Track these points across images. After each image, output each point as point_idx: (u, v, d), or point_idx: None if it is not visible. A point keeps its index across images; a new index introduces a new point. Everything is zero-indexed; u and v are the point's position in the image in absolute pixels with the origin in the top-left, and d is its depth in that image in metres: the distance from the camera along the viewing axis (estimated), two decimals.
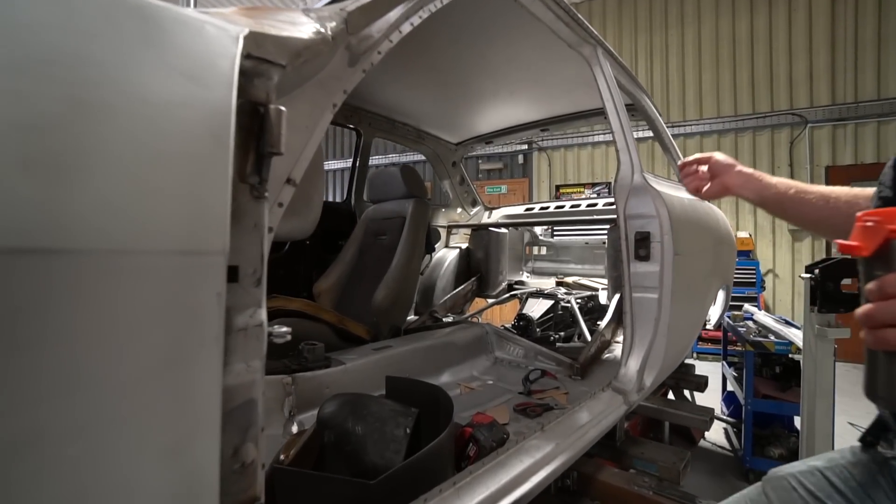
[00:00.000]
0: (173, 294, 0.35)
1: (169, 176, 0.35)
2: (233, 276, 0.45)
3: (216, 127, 0.39)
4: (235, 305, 0.45)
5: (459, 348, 2.03)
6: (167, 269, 0.34)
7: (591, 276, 3.42)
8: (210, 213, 0.38)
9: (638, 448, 1.96)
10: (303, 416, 1.40)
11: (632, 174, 1.60)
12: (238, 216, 0.46)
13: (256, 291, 0.47)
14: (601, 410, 1.33)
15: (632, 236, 1.58)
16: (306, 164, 0.61)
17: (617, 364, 2.03)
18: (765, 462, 2.78)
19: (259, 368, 0.47)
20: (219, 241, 0.38)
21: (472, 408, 1.64)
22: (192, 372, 0.36)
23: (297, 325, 1.78)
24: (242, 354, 0.45)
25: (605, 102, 1.64)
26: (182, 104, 0.37)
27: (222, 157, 0.38)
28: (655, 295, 1.54)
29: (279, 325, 0.52)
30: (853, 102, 5.48)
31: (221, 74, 0.40)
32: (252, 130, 0.46)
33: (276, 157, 0.53)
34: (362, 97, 2.56)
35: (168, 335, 0.35)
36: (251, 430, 0.47)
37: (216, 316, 0.38)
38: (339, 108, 0.67)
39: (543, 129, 2.98)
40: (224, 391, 0.44)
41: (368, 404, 0.99)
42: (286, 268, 2.48)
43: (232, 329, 0.44)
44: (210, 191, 0.38)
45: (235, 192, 0.46)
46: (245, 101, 0.46)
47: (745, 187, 0.92)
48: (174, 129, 0.36)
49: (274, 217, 0.57)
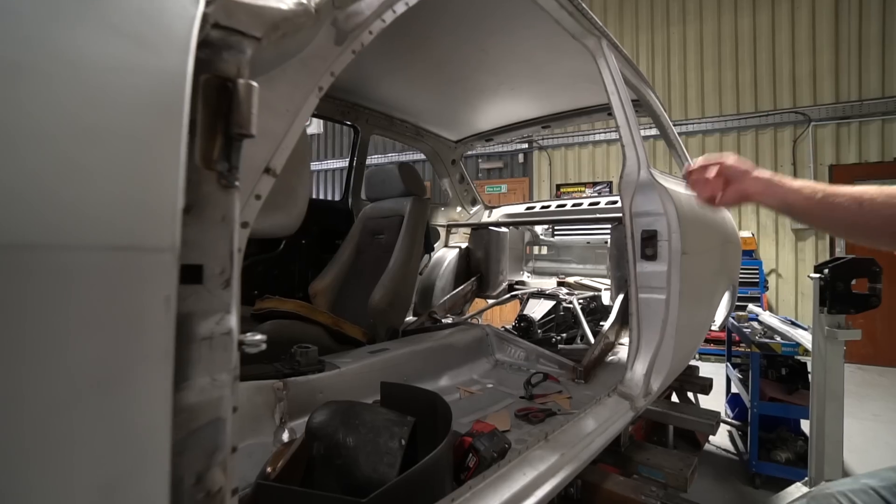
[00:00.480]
0: (105, 300, 0.29)
1: (102, 155, 0.29)
2: (195, 276, 0.39)
3: (166, 100, 0.32)
4: (198, 311, 0.39)
5: (459, 351, 1.97)
6: (97, 268, 0.28)
7: (593, 276, 3.36)
8: (155, 202, 0.31)
9: (643, 454, 1.90)
10: (295, 422, 1.34)
11: (638, 170, 1.54)
12: (202, 207, 0.40)
13: (224, 294, 0.41)
14: (607, 417, 1.26)
15: (638, 235, 1.52)
16: (288, 153, 0.55)
17: (621, 367, 1.97)
18: (771, 466, 2.72)
19: (228, 382, 0.41)
20: (166, 236, 0.32)
21: (472, 413, 1.58)
22: (132, 393, 0.30)
23: (290, 328, 1.73)
24: (207, 367, 0.39)
25: (610, 96, 1.58)
26: (124, 71, 0.31)
27: (173, 136, 0.32)
28: (663, 296, 1.48)
29: (252, 333, 0.46)
30: (857, 100, 5.42)
31: (176, 39, 0.34)
32: (220, 110, 0.40)
33: (251, 143, 0.47)
34: (359, 93, 2.50)
35: (98, 350, 0.29)
36: (218, 453, 0.40)
37: (164, 324, 0.32)
38: (325, 91, 0.61)
39: (545, 125, 2.92)
40: (183, 410, 0.38)
41: (361, 413, 0.93)
42: (281, 267, 2.42)
43: (193, 338, 0.38)
44: (156, 175, 0.32)
45: (199, 179, 0.40)
46: (212, 76, 0.40)
47: (766, 194, 0.84)
48: (112, 100, 0.30)
49: (250, 210, 0.51)
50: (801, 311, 5.62)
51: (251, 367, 1.41)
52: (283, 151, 0.54)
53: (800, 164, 5.73)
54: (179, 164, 0.32)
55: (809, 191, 0.80)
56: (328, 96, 2.46)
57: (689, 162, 2.39)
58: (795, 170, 5.72)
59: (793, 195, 0.81)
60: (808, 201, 0.79)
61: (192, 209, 0.39)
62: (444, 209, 3.42)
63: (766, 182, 0.85)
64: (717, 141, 6.16)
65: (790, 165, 5.76)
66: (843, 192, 0.76)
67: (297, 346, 1.47)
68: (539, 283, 3.43)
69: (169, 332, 0.32)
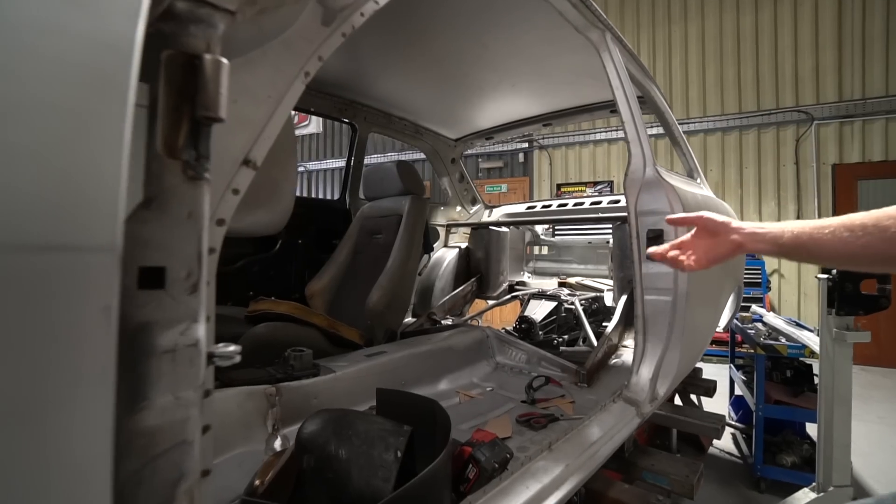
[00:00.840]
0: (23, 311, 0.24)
1: (22, 134, 0.24)
2: (155, 280, 0.34)
3: (107, 71, 0.27)
4: (159, 320, 0.34)
5: (458, 353, 1.92)
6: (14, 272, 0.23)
7: (595, 277, 3.31)
8: (91, 192, 0.26)
9: (648, 459, 1.85)
10: (288, 429, 1.29)
11: (644, 167, 1.49)
12: (164, 202, 0.35)
13: (191, 300, 0.36)
14: (613, 424, 1.21)
15: (643, 234, 1.47)
16: (270, 143, 0.50)
17: (625, 370, 1.92)
18: (777, 470, 2.67)
19: (195, 401, 0.36)
20: (104, 233, 0.26)
21: (472, 418, 1.53)
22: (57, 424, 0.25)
23: (284, 330, 1.68)
24: (169, 384, 0.34)
25: (615, 91, 1.53)
26: (52, 33, 0.26)
27: (115, 113, 0.27)
28: (669, 298, 1.43)
29: (226, 344, 0.41)
30: (861, 99, 5.37)
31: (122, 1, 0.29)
32: (186, 91, 0.35)
33: (226, 132, 0.42)
34: (357, 89, 2.45)
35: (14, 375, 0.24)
36: (183, 481, 0.35)
37: (104, 339, 0.27)
38: (312, 77, 0.56)
39: (546, 123, 2.87)
40: (141, 435, 0.33)
41: (354, 423, 0.88)
42: (277, 268, 2.37)
43: (153, 351, 0.33)
44: (92, 160, 0.26)
45: (161, 169, 0.35)
46: (177, 52, 0.35)
47: (756, 240, 0.78)
48: (37, 69, 0.25)
49: (226, 206, 0.46)
50: (804, 312, 5.58)
51: (242, 371, 1.36)
52: (264, 142, 0.49)
53: (802, 163, 5.68)
54: (123, 146, 0.27)
55: (797, 229, 0.74)
56: (325, 93, 2.41)
57: (694, 161, 2.35)
58: (798, 169, 5.68)
59: (782, 237, 0.75)
60: (797, 240, 0.73)
61: (153, 203, 0.34)
62: (443, 208, 3.37)
63: (751, 231, 0.79)
64: (718, 140, 6.11)
65: (793, 165, 5.72)
66: (833, 224, 0.70)
67: (290, 350, 1.42)
68: (540, 284, 3.38)
69: (110, 347, 0.27)
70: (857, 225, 0.67)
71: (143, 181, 0.33)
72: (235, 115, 0.46)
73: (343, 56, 2.16)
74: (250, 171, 0.48)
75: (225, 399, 1.18)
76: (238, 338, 1.57)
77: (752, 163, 5.94)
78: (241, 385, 1.25)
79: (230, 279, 2.19)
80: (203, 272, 0.37)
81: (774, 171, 5.82)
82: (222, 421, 1.15)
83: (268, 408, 1.27)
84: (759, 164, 5.91)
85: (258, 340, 1.56)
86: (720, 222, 0.82)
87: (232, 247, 2.22)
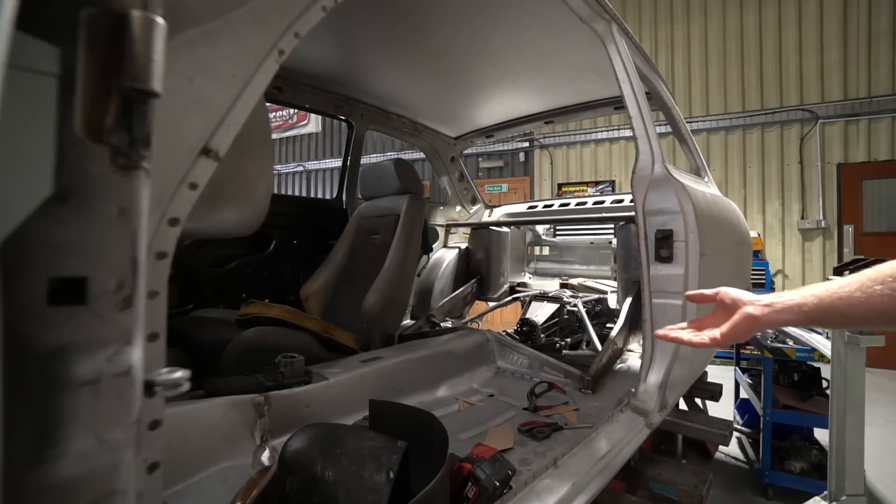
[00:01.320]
0: None
1: None
2: (73, 294, 0.27)
3: None
4: (77, 343, 0.27)
5: (458, 358, 1.85)
6: None
7: (597, 278, 3.24)
8: None
9: (654, 468, 1.78)
10: (277, 440, 1.22)
11: (652, 165, 1.42)
12: (85, 196, 0.28)
13: (123, 318, 0.29)
14: (621, 437, 1.14)
15: (652, 235, 1.40)
16: (236, 130, 0.43)
17: (631, 376, 1.85)
18: (785, 477, 2.60)
19: (128, 441, 0.29)
20: None
21: (472, 427, 1.46)
22: None
23: (275, 335, 1.61)
24: (91, 423, 0.27)
25: (622, 84, 1.46)
26: None
27: None
28: (679, 301, 1.36)
29: (171, 369, 0.34)
30: (866, 97, 5.30)
31: None
32: (113, 59, 0.28)
33: (180, 115, 0.35)
34: (353, 85, 2.38)
35: None
36: None
37: None
38: (287, 56, 0.49)
39: (548, 121, 2.80)
40: (51, 489, 0.26)
41: (344, 440, 0.81)
42: (271, 269, 2.31)
43: (68, 384, 0.27)
44: None
45: (81, 156, 0.28)
46: (100, 11, 0.28)
47: (775, 310, 0.70)
48: None
49: (181, 203, 0.39)
50: None
51: (230, 379, 1.29)
52: (228, 128, 0.42)
53: (807, 162, 5.61)
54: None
55: (821, 292, 0.67)
56: (320, 89, 2.34)
57: (702, 160, 2.27)
58: (802, 168, 5.61)
59: (806, 304, 0.67)
60: (823, 304, 0.65)
61: (70, 198, 0.27)
62: (443, 208, 3.30)
63: (767, 301, 0.70)
64: (721, 139, 6.04)
65: (797, 164, 5.65)
66: (857, 281, 0.63)
67: (281, 356, 1.35)
68: (541, 285, 3.31)
69: None
70: (885, 275, 0.61)
71: (52, 170, 0.26)
72: (191, 95, 0.39)
73: (339, 50, 2.09)
74: (211, 162, 0.41)
75: (209, 409, 1.11)
76: (227, 342, 1.50)
77: (755, 162, 5.87)
78: (227, 394, 1.18)
79: (222, 280, 2.12)
80: (139, 282, 0.30)
81: (778, 170, 5.75)
82: (206, 433, 1.08)
83: (256, 418, 1.20)
84: (763, 164, 5.84)
85: (248, 346, 1.49)
86: (733, 297, 0.74)
87: (224, 247, 2.15)
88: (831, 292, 0.66)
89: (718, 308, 0.77)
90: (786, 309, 0.69)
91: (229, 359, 1.46)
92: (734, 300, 0.74)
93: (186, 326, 1.74)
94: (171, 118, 0.35)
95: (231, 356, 1.46)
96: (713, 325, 0.76)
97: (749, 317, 0.70)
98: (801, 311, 0.68)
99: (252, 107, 0.44)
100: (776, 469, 2.63)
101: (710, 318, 0.78)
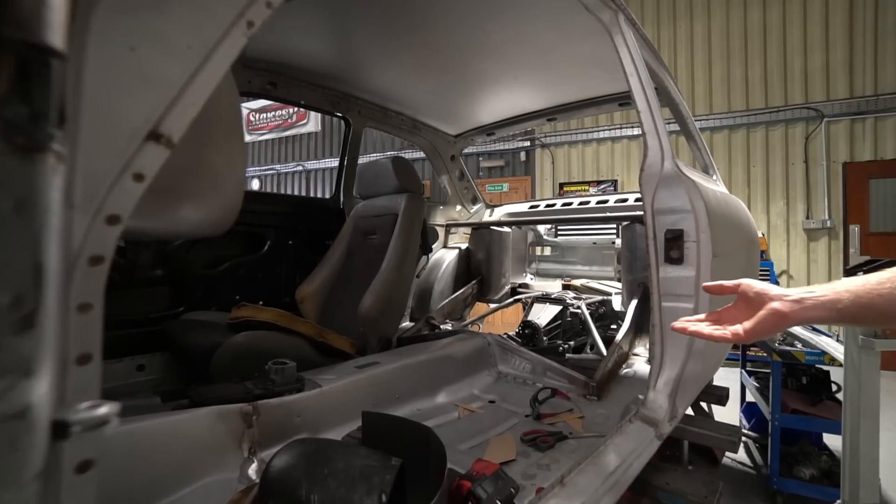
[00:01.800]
0: None
1: None
2: None
3: None
4: None
5: (457, 362, 1.78)
6: None
7: (600, 279, 3.18)
8: None
9: (661, 477, 1.70)
10: (267, 452, 1.15)
11: (661, 161, 1.35)
12: None
13: (20, 343, 0.23)
14: (631, 450, 1.08)
15: (661, 235, 1.33)
16: (193, 113, 0.36)
17: (637, 381, 1.78)
18: (794, 483, 2.53)
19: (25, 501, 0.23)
20: None
21: (472, 436, 1.40)
22: None
23: (267, 340, 1.54)
24: None
25: (629, 77, 1.39)
26: None
27: None
28: (690, 304, 1.29)
29: (94, 404, 0.27)
30: (872, 95, 5.22)
31: None
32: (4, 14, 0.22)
33: (120, 92, 0.28)
34: (350, 81, 2.32)
35: None
36: None
37: None
38: (256, 28, 0.43)
39: (550, 118, 2.73)
40: None
41: (332, 459, 0.74)
42: (265, 270, 2.24)
43: None
44: None
45: None
46: None
47: (806, 307, 0.63)
48: None
49: (123, 197, 0.33)
50: None
51: (217, 387, 1.22)
52: (184, 110, 0.35)
53: (812, 161, 5.53)
54: None
55: (855, 287, 0.60)
56: (316, 84, 2.27)
57: (710, 158, 2.20)
58: (808, 167, 5.53)
59: (840, 300, 0.60)
60: (861, 298, 0.59)
61: None
62: (442, 208, 3.23)
63: (797, 297, 0.64)
64: (725, 138, 5.97)
65: (802, 163, 5.57)
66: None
67: (271, 363, 1.28)
68: (543, 286, 3.24)
69: None
70: None
71: None
72: (134, 67, 0.33)
73: (335, 44, 2.02)
74: (162, 149, 0.34)
75: (192, 420, 1.05)
76: (216, 347, 1.43)
77: (759, 161, 5.80)
78: (213, 403, 1.12)
79: (214, 282, 2.05)
80: (45, 297, 0.24)
81: (783, 169, 5.68)
82: (189, 446, 1.02)
83: (243, 429, 1.14)
84: (767, 163, 5.76)
85: (237, 351, 1.43)
86: (758, 290, 0.68)
87: (217, 248, 2.09)
88: (869, 288, 0.60)
89: (740, 301, 0.70)
90: (818, 306, 0.62)
91: (218, 365, 1.40)
92: (758, 293, 0.67)
93: (176, 330, 1.68)
94: (107, 94, 0.29)
95: (220, 362, 1.40)
96: (734, 318, 0.70)
97: (776, 313, 0.64)
98: (834, 308, 0.62)
99: (214, 85, 0.38)
100: (785, 475, 2.55)
101: (731, 310, 0.72)
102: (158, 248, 1.89)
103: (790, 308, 0.63)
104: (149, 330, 1.79)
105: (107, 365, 1.69)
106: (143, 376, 1.77)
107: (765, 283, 0.69)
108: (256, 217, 2.21)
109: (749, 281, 0.70)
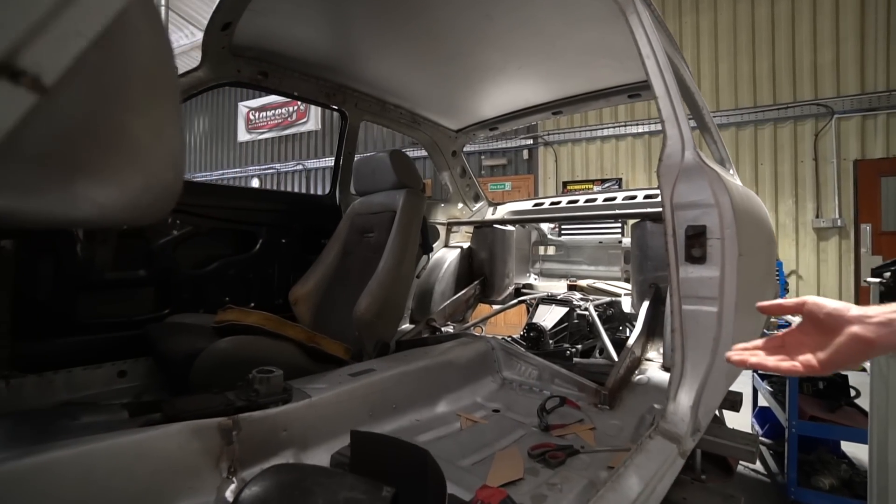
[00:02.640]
0: None
1: None
2: None
3: None
4: None
5: (459, 369, 1.67)
6: None
7: (606, 279, 3.06)
8: None
9: (678, 491, 1.59)
10: (248, 471, 1.04)
11: (682, 151, 1.23)
12: None
13: None
14: (654, 472, 0.96)
15: (682, 231, 1.22)
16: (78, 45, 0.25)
17: (651, 388, 1.67)
18: (813, 494, 2.41)
19: None
20: None
21: (475, 450, 1.28)
22: None
23: (254, 345, 1.42)
24: None
25: (646, 60, 1.28)
26: None
27: None
28: (714, 308, 1.18)
29: None
30: (885, 91, 5.10)
31: None
32: None
33: None
34: (347, 72, 2.20)
35: None
36: None
37: None
38: None
39: (556, 111, 2.62)
40: None
41: (312, 490, 0.63)
42: (257, 270, 2.13)
43: None
44: None
45: None
46: None
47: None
48: None
49: None
50: None
51: (195, 398, 1.11)
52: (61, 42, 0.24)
53: (822, 158, 5.41)
54: None
55: None
56: (310, 75, 2.16)
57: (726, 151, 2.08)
58: (817, 165, 5.41)
59: None
60: None
61: None
62: (443, 206, 3.12)
63: (885, 319, 0.52)
64: (732, 135, 5.84)
65: (811, 160, 5.45)
66: None
67: (256, 371, 1.17)
68: (548, 287, 3.13)
69: None
70: None
71: None
72: None
73: (330, 32, 1.91)
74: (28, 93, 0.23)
75: (163, 438, 0.93)
76: (198, 353, 1.32)
77: (767, 159, 5.67)
78: (188, 418, 1.00)
79: (202, 283, 1.94)
80: None
81: (792, 167, 5.55)
82: (157, 468, 0.91)
83: (222, 446, 1.02)
84: (776, 160, 5.64)
85: (221, 357, 1.32)
86: (829, 310, 0.56)
87: (205, 247, 1.98)
88: None
89: (807, 323, 0.58)
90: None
91: (199, 373, 1.29)
92: (831, 315, 0.55)
93: (157, 334, 1.56)
94: None
95: (202, 370, 1.29)
96: (801, 344, 0.58)
97: (860, 339, 0.52)
98: None
99: (114, 12, 0.26)
100: (803, 485, 2.43)
101: (796, 334, 0.60)
102: (145, 247, 1.78)
103: (877, 334, 0.52)
104: (131, 333, 1.68)
105: (85, 371, 1.58)
106: (125, 383, 1.66)
107: (836, 301, 0.57)
108: (248, 214, 2.10)
109: (816, 299, 0.58)
